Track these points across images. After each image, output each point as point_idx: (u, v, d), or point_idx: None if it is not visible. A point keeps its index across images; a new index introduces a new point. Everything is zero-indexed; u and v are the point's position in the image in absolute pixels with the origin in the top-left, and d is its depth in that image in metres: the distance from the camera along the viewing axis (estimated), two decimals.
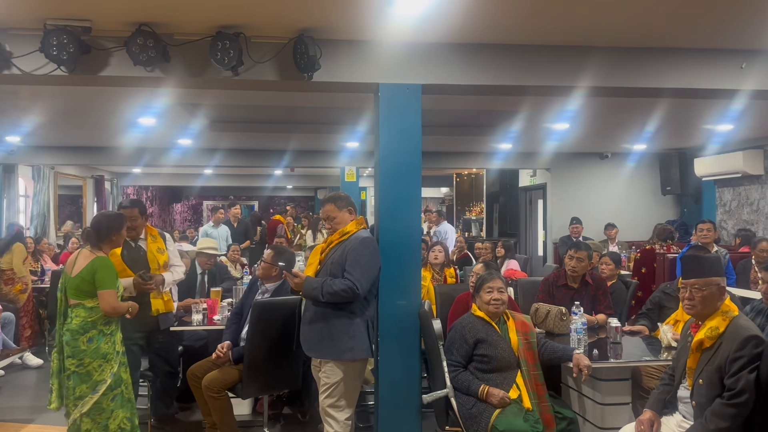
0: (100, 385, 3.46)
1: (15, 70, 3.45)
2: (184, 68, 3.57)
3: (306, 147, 9.28)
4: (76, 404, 3.46)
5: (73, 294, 3.50)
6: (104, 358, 3.49)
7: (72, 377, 3.45)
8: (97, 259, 3.50)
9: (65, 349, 3.47)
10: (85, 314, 3.47)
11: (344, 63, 3.68)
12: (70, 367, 3.45)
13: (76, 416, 3.45)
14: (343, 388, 3.41)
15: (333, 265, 3.42)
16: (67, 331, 3.47)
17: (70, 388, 3.47)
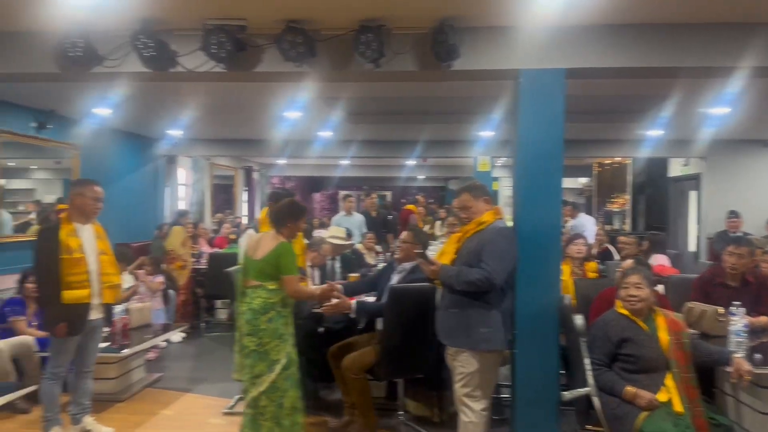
0: (275, 365, 3.64)
1: (179, 68, 3.77)
2: (329, 62, 3.71)
3: (439, 137, 9.30)
4: (254, 382, 3.64)
5: (256, 276, 3.71)
6: (280, 338, 3.67)
7: (251, 355, 3.64)
8: (282, 245, 3.70)
9: (245, 327, 3.67)
10: (266, 295, 3.67)
11: (484, 50, 3.62)
12: (249, 344, 3.65)
13: (255, 394, 3.63)
14: (479, 379, 3.39)
15: (469, 254, 3.39)
16: (248, 310, 3.67)
17: (248, 366, 3.66)
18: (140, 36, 3.57)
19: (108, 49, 3.72)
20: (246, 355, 3.68)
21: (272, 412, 3.64)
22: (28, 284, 5.17)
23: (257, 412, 3.65)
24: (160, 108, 7.00)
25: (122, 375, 5.15)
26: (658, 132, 8.19)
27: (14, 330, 5.01)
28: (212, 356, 6.58)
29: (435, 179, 18.75)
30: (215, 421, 4.61)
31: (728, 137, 8.59)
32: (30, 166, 7.40)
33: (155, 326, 5.85)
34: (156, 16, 3.54)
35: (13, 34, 3.82)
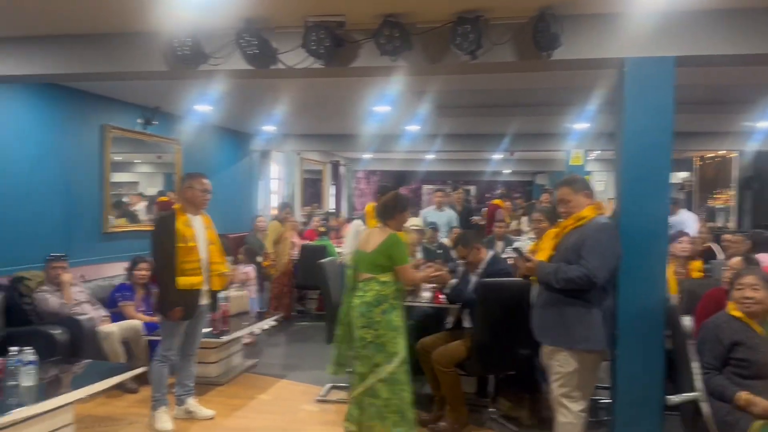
0: (394, 357, 3.71)
1: (280, 65, 3.89)
2: (425, 55, 3.70)
3: (527, 130, 9.09)
4: (373, 371, 3.73)
5: (367, 269, 3.81)
6: (396, 330, 3.75)
7: (369, 347, 3.74)
8: (392, 236, 3.79)
9: (359, 320, 3.76)
10: (378, 287, 3.75)
11: (587, 38, 3.50)
12: (366, 336, 3.74)
13: (373, 381, 3.73)
14: (578, 379, 3.28)
15: (567, 251, 3.27)
16: (362, 303, 3.76)
17: (368, 357, 3.75)
18: (244, 34, 3.71)
19: (213, 48, 3.89)
20: (364, 347, 3.76)
21: (397, 405, 3.71)
22: (137, 271, 5.51)
23: (382, 404, 3.71)
24: (256, 104, 7.25)
25: (222, 360, 5.40)
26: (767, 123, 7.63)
27: (124, 314, 5.36)
28: (304, 345, 6.77)
29: (521, 173, 18.36)
30: (309, 408, 4.73)
31: None
32: (134, 160, 7.86)
33: (252, 314, 6.09)
34: (259, 14, 3.67)
35: (126, 35, 4.07)
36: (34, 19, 3.88)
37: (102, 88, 6.19)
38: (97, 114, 6.41)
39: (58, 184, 5.85)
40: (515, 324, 3.99)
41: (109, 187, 6.58)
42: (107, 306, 5.41)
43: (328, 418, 4.53)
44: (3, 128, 5.26)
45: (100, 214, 6.45)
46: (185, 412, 4.42)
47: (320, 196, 13.52)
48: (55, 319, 4.84)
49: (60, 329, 4.66)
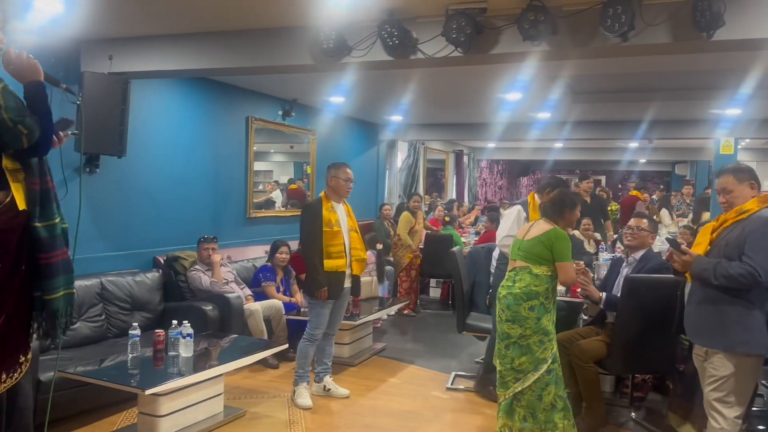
0: (541, 365, 3.51)
1: (420, 54, 3.92)
2: (570, 39, 3.57)
3: (668, 116, 8.48)
4: (517, 377, 3.54)
5: (522, 256, 3.62)
6: (545, 334, 3.53)
7: (512, 347, 3.56)
8: (556, 229, 3.59)
9: (504, 313, 3.60)
10: (530, 280, 3.55)
11: (755, 16, 3.20)
12: (510, 332, 3.55)
13: (518, 389, 3.54)
14: (734, 384, 3.04)
15: (728, 246, 3.03)
16: (509, 294, 3.59)
17: (508, 357, 3.57)
18: (386, 25, 3.78)
19: (356, 40, 4.00)
20: (506, 345, 3.60)
21: (529, 401, 3.54)
22: (278, 254, 5.84)
23: (515, 398, 3.59)
24: (385, 94, 7.37)
25: (355, 341, 5.60)
26: None
27: (266, 294, 5.70)
28: (429, 332, 6.84)
29: (658, 163, 17.21)
30: (439, 395, 4.79)
31: None
32: (270, 150, 8.30)
33: (381, 298, 6.25)
34: (401, 5, 3.72)
35: (274, 31, 4.28)
36: (190, 16, 4.19)
37: (247, 82, 6.59)
38: (243, 106, 6.85)
39: (208, 172, 6.33)
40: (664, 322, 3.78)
41: (252, 176, 7.01)
42: (251, 285, 5.79)
43: (458, 405, 4.58)
44: (162, 119, 5.76)
45: (245, 200, 6.90)
46: (323, 390, 4.65)
47: (442, 185, 13.52)
48: (206, 295, 5.26)
49: (211, 305, 5.06)
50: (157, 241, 5.62)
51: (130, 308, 4.95)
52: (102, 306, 4.76)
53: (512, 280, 3.65)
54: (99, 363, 3.93)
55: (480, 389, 4.72)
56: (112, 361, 4.00)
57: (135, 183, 5.43)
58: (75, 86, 4.59)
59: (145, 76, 4.95)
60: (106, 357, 4.08)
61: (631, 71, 5.66)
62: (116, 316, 4.83)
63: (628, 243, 4.41)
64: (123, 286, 4.95)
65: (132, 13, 4.16)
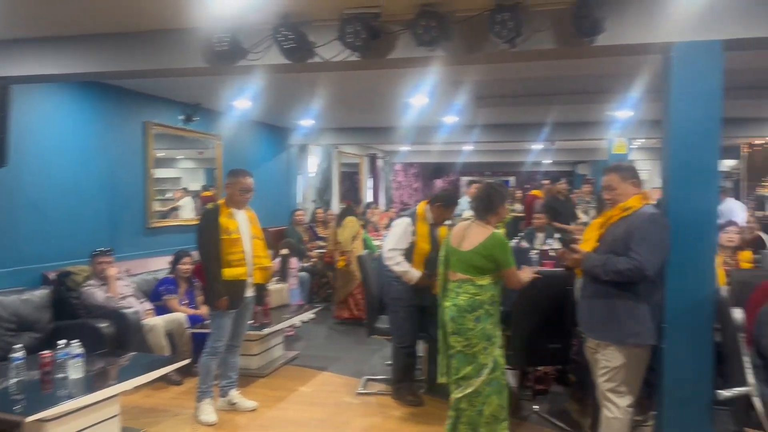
0: (483, 369, 3.46)
1: (317, 58, 3.88)
2: (463, 45, 3.64)
3: (568, 119, 8.90)
4: (459, 384, 3.50)
5: (463, 269, 3.52)
6: (489, 340, 3.49)
7: (457, 356, 3.51)
8: (494, 236, 3.49)
9: (449, 325, 3.52)
10: (474, 291, 3.48)
11: (632, 23, 3.37)
12: (455, 345, 3.50)
13: (458, 395, 3.50)
14: (625, 374, 3.21)
15: (615, 242, 3.18)
16: (453, 306, 3.51)
17: (454, 368, 3.53)
18: (281, 29, 3.71)
19: (251, 43, 3.90)
20: (451, 356, 3.55)
21: (470, 417, 3.50)
22: (180, 265, 5.62)
23: (457, 414, 3.54)
24: (294, 99, 7.29)
25: (264, 352, 5.47)
26: None
27: (168, 307, 5.47)
28: (343, 337, 6.80)
29: (562, 163, 18.01)
30: (350, 400, 4.76)
31: None
32: (177, 156, 8.01)
33: (292, 306, 6.14)
34: (296, 9, 3.66)
35: (166, 33, 4.11)
36: (76, 17, 3.96)
37: (144, 86, 6.32)
38: (140, 111, 6.55)
39: (103, 180, 6.01)
40: (557, 316, 3.92)
41: (152, 183, 6.71)
42: (152, 299, 5.53)
43: (368, 410, 4.55)
44: (50, 126, 5.41)
45: (144, 210, 6.59)
46: (228, 404, 4.50)
47: (358, 189, 13.54)
48: (102, 312, 4.97)
49: (106, 322, 4.80)
50: (46, 256, 5.27)
51: (15, 329, 4.61)
52: None
53: (455, 291, 3.55)
54: None
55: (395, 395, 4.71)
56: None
57: (19, 194, 5.07)
58: None
59: (28, 80, 4.63)
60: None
61: (531, 76, 5.87)
62: (1, 337, 4.47)
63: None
64: (7, 306, 4.60)
65: (12, 16, 3.89)
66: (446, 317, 3.57)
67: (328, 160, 11.29)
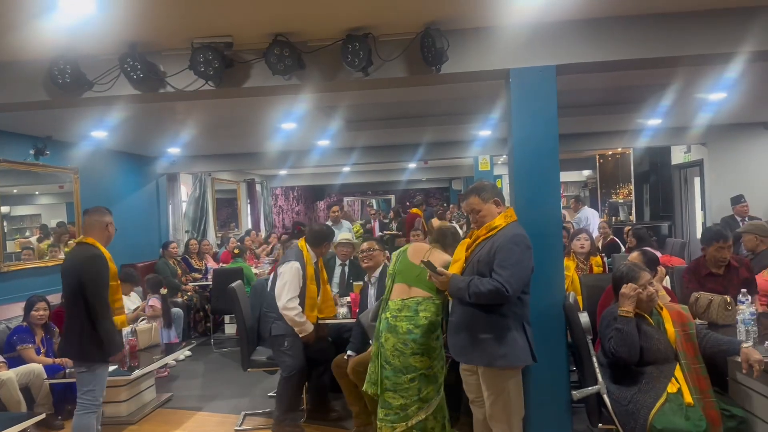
0: (441, 388, 3.49)
1: (169, 88, 3.78)
2: (318, 73, 3.70)
3: (439, 139, 9.27)
4: (422, 406, 3.44)
5: (426, 287, 3.45)
6: (441, 358, 3.53)
7: (419, 379, 3.43)
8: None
9: (412, 346, 3.42)
10: (434, 310, 3.46)
11: (472, 52, 3.61)
12: (417, 364, 3.42)
13: (422, 417, 3.44)
14: (507, 396, 3.14)
15: (480, 263, 3.12)
16: (415, 328, 3.42)
17: (413, 389, 3.44)
18: (128, 59, 3.58)
19: (97, 74, 3.73)
20: (412, 378, 3.44)
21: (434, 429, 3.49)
22: (34, 312, 5.18)
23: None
24: (157, 127, 7.02)
25: (133, 397, 5.14)
26: (656, 121, 8.14)
27: (23, 358, 5.01)
28: (222, 372, 6.55)
29: (438, 180, 18.73)
30: None
31: (728, 121, 8.53)
32: (34, 192, 7.43)
33: (162, 346, 5.85)
34: (143, 38, 3.55)
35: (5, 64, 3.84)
36: None
37: None
38: None
39: None
40: None
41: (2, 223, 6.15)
42: (4, 351, 5.05)
43: None
44: None
45: None
46: None
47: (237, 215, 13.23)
48: None
49: None
50: None
51: None
52: None
53: (413, 310, 3.47)
54: None
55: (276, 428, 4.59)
56: None
57: None
58: None
59: None
60: None
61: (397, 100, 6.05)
62: None
63: (366, 265, 4.74)
64: None
65: None
66: (403, 338, 3.44)
67: (202, 188, 10.94)
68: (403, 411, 3.46)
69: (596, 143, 10.00)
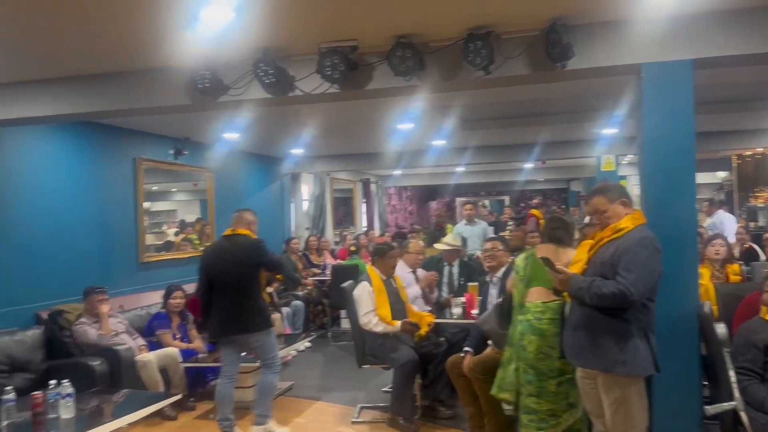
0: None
1: (297, 91, 3.96)
2: (438, 74, 3.73)
3: (558, 138, 8.98)
4: (571, 410, 3.44)
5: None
6: None
7: (566, 383, 3.40)
8: None
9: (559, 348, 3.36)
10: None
11: (600, 47, 3.47)
12: (564, 368, 3.38)
13: (570, 422, 3.45)
14: (628, 405, 2.97)
15: (603, 265, 2.98)
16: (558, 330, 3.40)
17: (562, 393, 3.42)
18: (261, 64, 3.79)
19: (232, 79, 3.99)
20: (559, 382, 3.42)
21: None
22: (171, 300, 5.64)
23: None
24: (283, 129, 7.38)
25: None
26: None
27: (161, 342, 5.47)
28: (339, 365, 6.77)
29: (556, 181, 18.12)
30: (344, 429, 4.74)
31: None
32: (171, 189, 8.08)
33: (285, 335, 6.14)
34: (275, 44, 3.75)
35: (150, 71, 4.21)
36: (60, 61, 4.05)
37: (133, 123, 6.40)
38: (130, 147, 6.63)
39: (95, 217, 6.05)
40: None
41: (144, 218, 6.76)
42: (145, 335, 5.53)
43: None
44: (41, 166, 5.48)
45: (136, 244, 6.63)
46: None
47: (352, 214, 13.60)
48: (94, 350, 4.97)
49: (99, 360, 4.79)
50: (37, 295, 5.28)
51: (8, 370, 4.62)
52: None
53: (558, 313, 3.43)
54: None
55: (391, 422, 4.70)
56: None
57: (8, 235, 5.11)
58: None
59: (15, 123, 4.71)
60: None
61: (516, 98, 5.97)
62: None
63: (489, 264, 4.75)
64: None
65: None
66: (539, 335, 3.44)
67: (321, 187, 11.35)
68: (552, 417, 3.43)
69: (734, 142, 9.26)
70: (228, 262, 4.48)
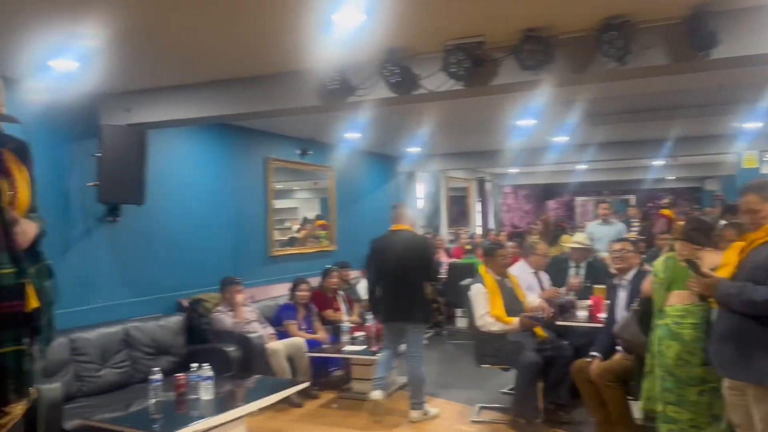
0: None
1: (422, 90, 4.00)
2: (568, 66, 3.61)
3: (692, 133, 8.38)
4: (714, 423, 3.26)
5: None
6: None
7: (709, 393, 3.25)
8: None
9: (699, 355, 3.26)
10: None
11: (748, 34, 3.19)
12: (706, 375, 3.24)
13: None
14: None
15: (756, 269, 2.76)
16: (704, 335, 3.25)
17: (704, 403, 3.27)
18: (387, 64, 3.87)
19: (359, 80, 4.10)
20: (701, 391, 3.28)
21: None
22: (298, 292, 5.90)
23: None
24: (401, 128, 7.47)
25: None
26: None
27: (288, 332, 5.74)
28: (455, 363, 6.74)
29: (687, 180, 16.89)
30: (465, 428, 4.73)
31: None
32: (293, 188, 8.45)
33: None
34: (401, 44, 3.81)
35: (284, 74, 4.42)
36: (202, 67, 4.36)
37: (263, 124, 6.76)
38: (261, 148, 7.02)
39: (230, 213, 6.47)
40: None
41: (272, 214, 7.13)
42: (273, 324, 5.84)
43: None
44: (180, 166, 5.94)
45: (265, 239, 7.01)
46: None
47: (466, 213, 13.50)
48: (229, 337, 5.31)
49: (233, 347, 5.11)
50: (179, 284, 5.73)
51: (154, 353, 5.03)
52: (127, 352, 4.85)
53: (700, 317, 3.32)
54: (124, 409, 3.99)
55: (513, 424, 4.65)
56: (135, 407, 4.05)
57: (156, 229, 5.57)
58: (94, 140, 4.78)
59: (162, 125, 5.12)
60: (131, 402, 4.13)
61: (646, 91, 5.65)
62: (141, 361, 4.90)
63: (617, 266, 4.55)
64: (147, 331, 5.04)
65: (147, 68, 4.35)
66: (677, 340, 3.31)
67: (436, 185, 11.38)
68: (694, 428, 3.27)
69: None
70: (401, 254, 4.92)
